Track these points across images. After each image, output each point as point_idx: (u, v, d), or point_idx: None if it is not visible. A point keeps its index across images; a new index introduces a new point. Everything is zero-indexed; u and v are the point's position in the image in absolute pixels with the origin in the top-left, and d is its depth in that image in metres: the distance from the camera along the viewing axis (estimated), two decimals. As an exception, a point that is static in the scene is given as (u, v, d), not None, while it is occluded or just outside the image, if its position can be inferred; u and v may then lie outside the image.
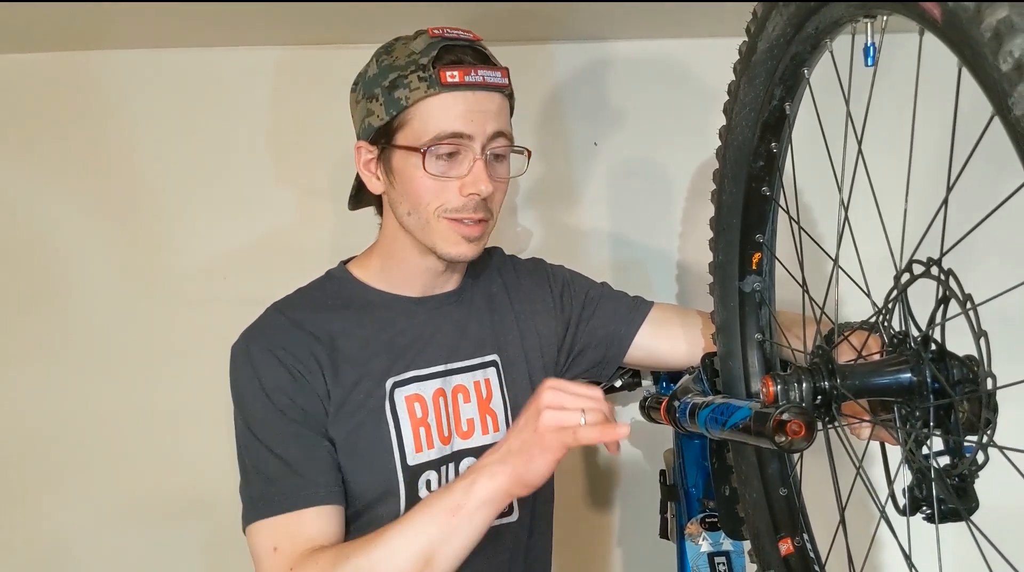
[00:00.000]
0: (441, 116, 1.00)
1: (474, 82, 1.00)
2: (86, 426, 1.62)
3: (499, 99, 1.04)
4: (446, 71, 0.99)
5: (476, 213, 1.03)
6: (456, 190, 1.02)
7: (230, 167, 1.61)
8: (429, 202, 1.03)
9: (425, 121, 1.01)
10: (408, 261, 1.11)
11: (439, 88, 0.99)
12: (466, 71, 1.00)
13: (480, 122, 1.01)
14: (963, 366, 0.70)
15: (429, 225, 1.04)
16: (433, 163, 1.01)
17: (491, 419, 1.13)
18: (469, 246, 1.05)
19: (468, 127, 1.00)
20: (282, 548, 0.97)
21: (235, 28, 1.51)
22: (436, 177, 1.02)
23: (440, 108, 1.00)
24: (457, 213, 1.03)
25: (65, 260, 1.61)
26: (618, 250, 1.67)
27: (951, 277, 0.68)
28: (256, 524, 0.99)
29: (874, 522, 0.86)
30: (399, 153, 1.03)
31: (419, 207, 1.04)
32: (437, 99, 1.00)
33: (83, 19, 1.43)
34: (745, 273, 1.04)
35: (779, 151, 0.95)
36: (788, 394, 0.79)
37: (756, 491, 1.03)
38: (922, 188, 0.81)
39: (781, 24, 0.84)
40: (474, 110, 1.01)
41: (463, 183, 1.02)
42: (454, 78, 0.99)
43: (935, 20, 0.57)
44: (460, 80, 0.99)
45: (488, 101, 1.02)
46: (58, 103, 1.59)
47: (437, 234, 1.04)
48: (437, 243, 1.05)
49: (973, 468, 0.71)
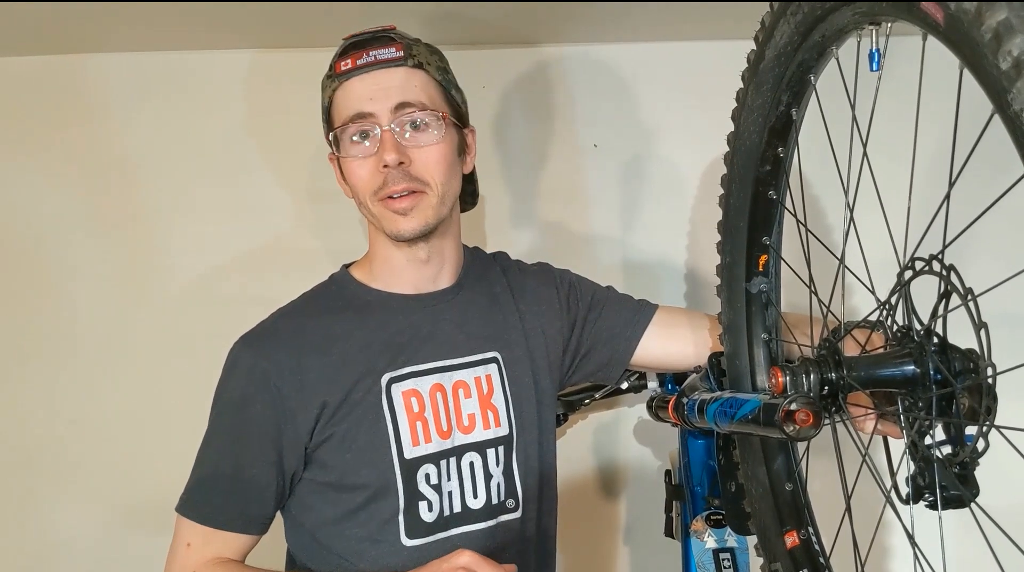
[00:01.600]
0: (344, 103, 1.07)
1: (365, 63, 1.06)
2: (85, 428, 1.63)
3: (401, 72, 1.07)
4: (340, 62, 1.07)
5: (397, 184, 1.06)
6: (376, 167, 1.06)
7: (228, 169, 1.64)
8: (362, 188, 1.08)
9: (338, 111, 1.09)
10: (388, 257, 1.15)
11: (338, 79, 1.07)
12: (357, 56, 1.06)
13: (381, 99, 1.06)
14: (964, 358, 0.73)
15: (372, 211, 1.09)
16: (349, 147, 1.08)
17: (492, 414, 1.15)
18: (406, 220, 1.07)
19: (367, 105, 1.06)
20: (194, 547, 1.08)
21: (233, 31, 1.53)
22: (354, 159, 1.07)
23: (343, 97, 1.08)
24: (383, 190, 1.07)
25: (62, 263, 1.63)
26: (626, 253, 1.69)
27: (952, 272, 0.71)
28: (181, 517, 1.09)
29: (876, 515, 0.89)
30: (339, 152, 1.10)
31: (359, 196, 1.10)
32: (340, 90, 1.08)
33: (78, 23, 1.45)
34: (752, 274, 1.07)
35: (786, 155, 0.98)
36: (796, 385, 0.82)
37: (762, 486, 1.06)
38: (925, 188, 0.84)
39: (788, 32, 0.87)
40: (372, 89, 1.06)
41: (377, 158, 1.06)
42: (347, 66, 1.07)
43: (937, 24, 0.60)
44: (353, 65, 1.06)
45: (387, 77, 1.06)
46: (55, 106, 1.61)
47: (379, 217, 1.09)
48: (383, 225, 1.09)
49: (974, 455, 0.73)
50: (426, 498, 1.09)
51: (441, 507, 1.10)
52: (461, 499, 1.12)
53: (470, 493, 1.12)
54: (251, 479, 1.07)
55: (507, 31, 1.58)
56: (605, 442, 1.71)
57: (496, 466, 1.14)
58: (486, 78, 1.61)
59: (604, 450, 1.71)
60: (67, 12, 1.40)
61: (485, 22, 1.51)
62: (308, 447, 1.08)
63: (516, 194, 1.67)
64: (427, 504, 1.09)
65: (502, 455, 1.15)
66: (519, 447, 1.16)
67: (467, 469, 1.12)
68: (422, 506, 1.09)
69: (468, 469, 1.12)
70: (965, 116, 0.68)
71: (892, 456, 0.83)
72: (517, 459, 1.16)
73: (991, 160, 0.70)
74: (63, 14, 1.40)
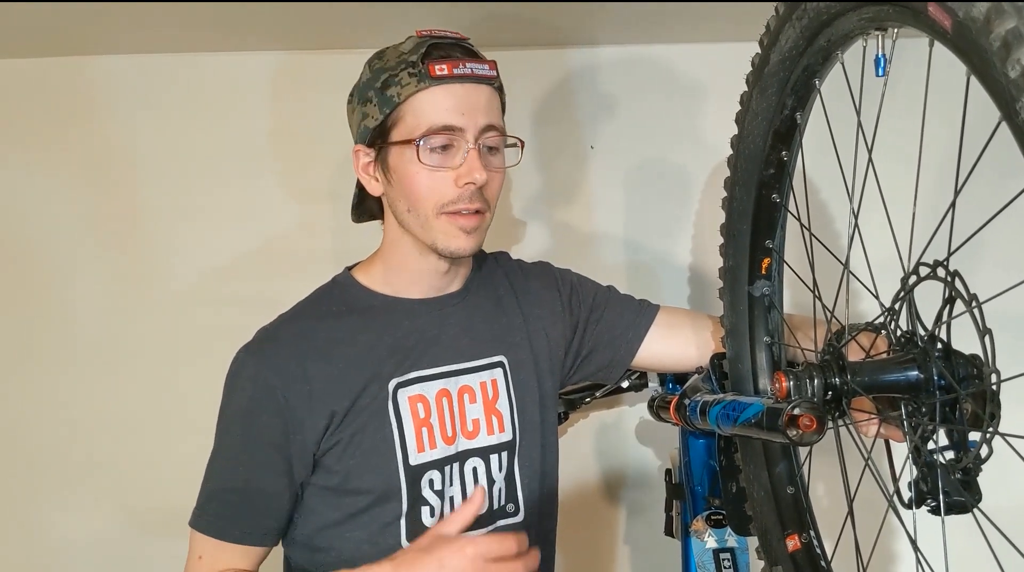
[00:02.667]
0: (432, 109, 1.03)
1: (462, 74, 1.03)
2: (86, 431, 1.62)
3: (488, 92, 1.06)
4: (435, 65, 1.02)
5: (472, 203, 1.05)
6: (451, 181, 1.04)
7: (231, 172, 1.63)
8: (426, 198, 1.05)
9: (417, 115, 1.04)
10: (409, 264, 1.13)
11: (428, 82, 1.02)
12: (454, 64, 1.03)
13: (471, 114, 1.03)
14: (968, 363, 0.73)
15: (428, 222, 1.06)
16: (427, 155, 1.04)
17: (497, 420, 1.14)
18: (467, 238, 1.07)
19: (459, 120, 1.03)
20: (206, 560, 1.08)
21: (235, 33, 1.53)
22: (431, 168, 1.04)
23: (431, 102, 1.03)
24: (454, 205, 1.05)
25: (64, 265, 1.62)
26: (629, 254, 1.69)
27: (956, 278, 0.71)
28: (193, 530, 1.09)
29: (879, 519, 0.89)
30: (395, 150, 1.06)
31: (417, 204, 1.06)
32: (427, 93, 1.03)
33: (84, 24, 1.44)
34: (755, 278, 1.07)
35: (789, 159, 0.98)
36: (800, 389, 0.82)
37: (764, 489, 1.06)
38: (929, 193, 0.84)
39: (794, 37, 0.87)
40: (464, 103, 1.03)
41: (458, 174, 1.04)
42: (443, 71, 1.02)
43: (945, 31, 0.60)
44: (448, 73, 1.03)
45: (477, 94, 1.04)
46: (59, 108, 1.60)
47: (436, 230, 1.06)
48: (437, 239, 1.07)
49: (977, 461, 0.73)
50: (428, 503, 1.09)
51: (442, 512, 1.10)
52: (463, 504, 1.11)
53: None
54: (263, 491, 1.07)
55: (509, 34, 1.58)
56: (607, 442, 1.71)
57: (499, 471, 1.14)
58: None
59: (606, 450, 1.71)
60: (68, 14, 1.39)
61: (487, 24, 1.51)
62: (316, 454, 1.07)
63: (519, 195, 1.67)
64: (429, 509, 1.09)
65: (505, 460, 1.14)
66: (522, 452, 1.16)
67: (470, 474, 1.12)
68: (424, 511, 1.09)
69: (471, 474, 1.12)
70: (971, 121, 0.68)
71: (895, 461, 0.83)
72: (520, 464, 1.16)
73: (997, 166, 0.71)
74: (64, 16, 1.40)
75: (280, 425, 1.05)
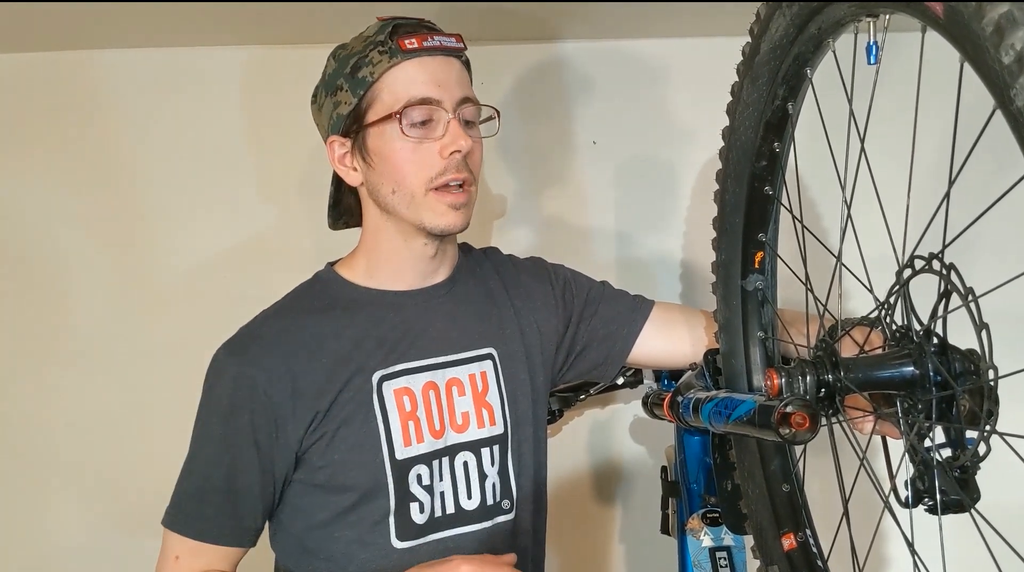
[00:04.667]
0: (408, 83, 1.03)
1: (433, 46, 1.04)
2: (78, 428, 1.61)
3: (458, 65, 1.07)
4: (404, 39, 1.03)
5: (460, 173, 1.04)
6: (436, 153, 1.04)
7: (215, 166, 1.61)
8: (413, 174, 1.04)
9: (394, 91, 1.03)
10: (394, 252, 1.11)
11: (400, 56, 1.02)
12: (423, 37, 1.03)
13: (446, 86, 1.04)
14: (965, 359, 0.72)
15: (415, 200, 1.05)
16: (409, 129, 1.04)
17: (487, 412, 1.13)
18: (457, 214, 1.06)
19: (436, 92, 1.03)
20: (182, 561, 1.06)
21: (219, 26, 1.51)
22: (414, 142, 1.03)
23: (405, 76, 1.03)
24: (441, 177, 1.04)
25: (53, 261, 1.60)
26: (621, 249, 1.68)
27: (952, 271, 0.69)
28: (168, 530, 1.07)
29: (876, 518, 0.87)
30: (373, 131, 1.05)
31: (403, 182, 1.05)
32: (400, 68, 1.03)
33: (76, 19, 1.42)
34: (748, 272, 1.05)
35: (781, 150, 0.96)
36: (792, 387, 0.80)
37: (759, 487, 1.04)
38: (924, 185, 0.82)
39: (784, 25, 0.85)
40: (438, 75, 1.04)
41: (442, 144, 1.03)
42: (413, 44, 1.03)
43: (937, 17, 0.58)
44: (419, 45, 1.03)
45: (448, 66, 1.05)
46: (52, 102, 1.58)
47: (424, 208, 1.05)
48: (425, 217, 1.06)
49: (975, 459, 0.72)
50: (417, 499, 1.07)
51: (432, 508, 1.08)
52: (455, 500, 1.10)
53: (464, 494, 1.10)
54: (243, 490, 1.05)
55: (504, 28, 1.56)
56: (601, 440, 1.69)
57: (491, 466, 1.12)
58: (483, 75, 1.58)
59: (599, 448, 1.69)
60: (65, 8, 1.37)
61: (482, 19, 1.49)
62: (299, 452, 1.06)
63: (512, 190, 1.65)
64: (418, 505, 1.08)
65: (497, 454, 1.13)
66: (514, 446, 1.14)
67: (460, 469, 1.10)
68: (413, 507, 1.07)
69: (462, 469, 1.11)
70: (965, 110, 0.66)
71: (891, 459, 0.81)
72: (512, 458, 1.14)
73: (992, 156, 0.69)
74: (62, 10, 1.38)
75: (263, 423, 1.04)
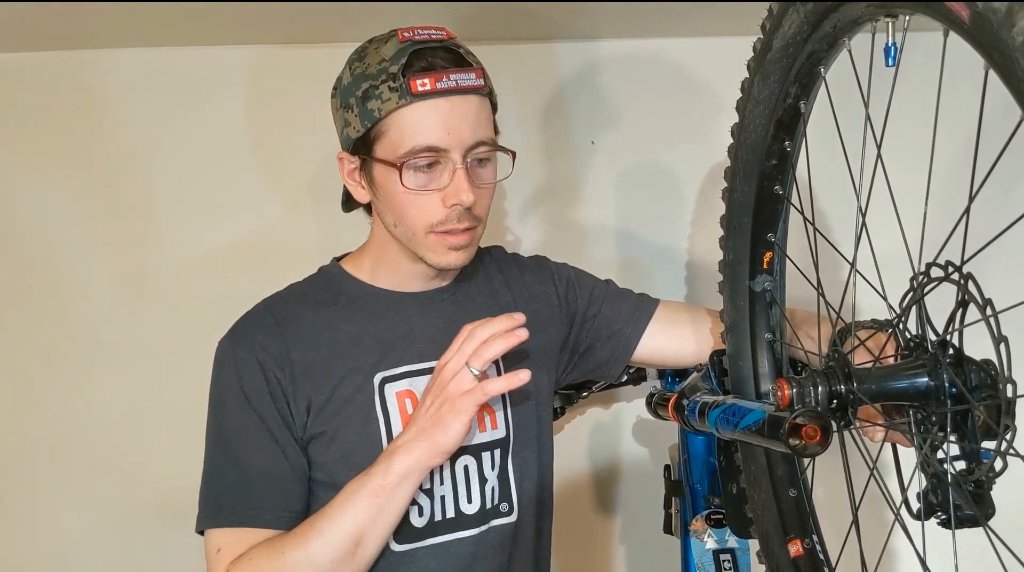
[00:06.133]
0: (415, 128, 0.98)
1: (446, 88, 0.97)
2: (79, 426, 1.59)
3: (476, 102, 1.01)
4: (416, 80, 0.96)
5: (461, 223, 1.01)
6: (438, 202, 1.01)
7: (219, 165, 1.59)
8: (413, 218, 1.02)
9: (400, 133, 0.99)
10: (400, 265, 1.10)
11: (410, 98, 0.97)
12: (437, 77, 0.97)
13: (457, 131, 0.99)
14: (981, 371, 0.70)
15: (416, 239, 1.04)
16: (411, 177, 1.00)
17: (489, 416, 1.11)
18: (458, 254, 1.04)
19: (444, 139, 0.98)
20: (224, 550, 1.02)
21: (222, 25, 1.48)
22: (416, 191, 1.00)
23: (413, 120, 0.98)
24: (442, 225, 1.01)
25: (56, 260, 1.58)
26: (625, 250, 1.66)
27: (970, 281, 0.67)
28: (210, 531, 1.04)
29: (885, 527, 0.86)
30: (379, 166, 1.02)
31: (404, 222, 1.03)
32: (409, 110, 0.98)
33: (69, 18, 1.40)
34: (756, 272, 1.03)
35: (792, 150, 0.94)
36: (803, 398, 0.78)
37: (765, 492, 1.02)
38: (941, 189, 0.80)
39: (798, 22, 0.82)
40: (449, 120, 0.98)
41: (444, 194, 1.00)
42: (425, 87, 0.96)
43: (962, 22, 0.56)
44: (432, 88, 0.97)
45: (464, 106, 0.99)
46: (44, 103, 1.56)
47: (424, 247, 1.04)
48: (426, 255, 1.04)
49: (990, 474, 0.70)
50: (417, 503, 1.06)
51: (432, 512, 1.07)
52: (455, 504, 1.08)
53: (464, 498, 1.09)
54: (271, 465, 1.02)
55: (504, 28, 1.54)
56: (603, 441, 1.68)
57: (491, 470, 1.11)
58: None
59: (601, 449, 1.68)
60: (67, 8, 1.35)
61: (482, 19, 1.46)
62: (302, 439, 1.05)
63: (515, 190, 1.63)
64: (418, 509, 1.06)
65: (498, 458, 1.11)
66: (516, 450, 1.13)
67: (461, 473, 1.09)
68: (412, 511, 1.06)
69: (462, 473, 1.09)
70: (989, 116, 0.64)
71: (903, 470, 0.80)
72: (513, 462, 1.12)
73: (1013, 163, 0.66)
74: (63, 10, 1.36)
75: (281, 402, 1.03)
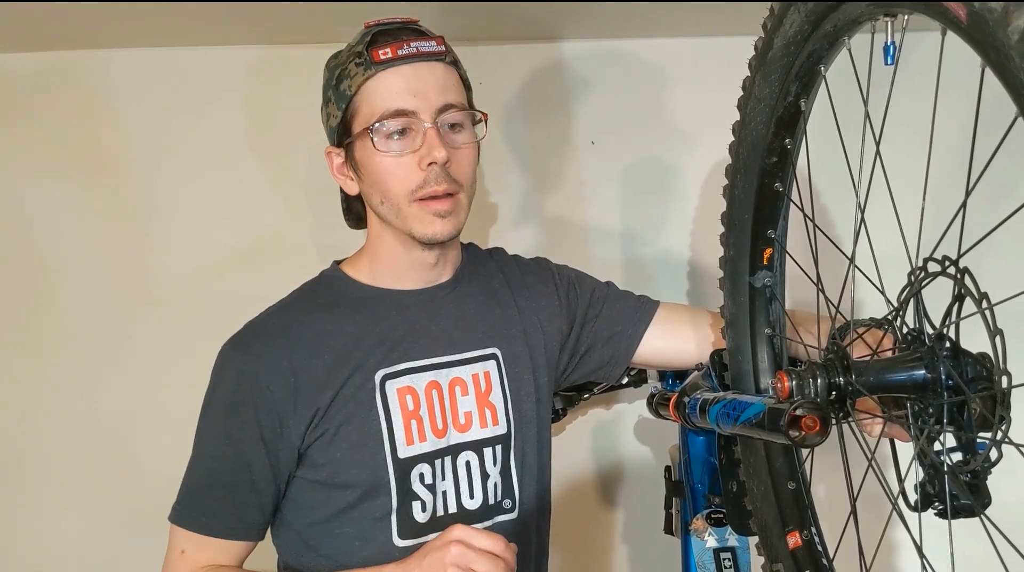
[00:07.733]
0: (383, 95, 1.02)
1: (407, 54, 1.02)
2: (79, 426, 1.60)
3: (440, 68, 1.05)
4: (378, 50, 1.02)
5: (440, 184, 1.03)
6: (415, 165, 1.03)
7: (218, 165, 1.60)
8: (395, 187, 1.04)
9: (371, 103, 1.03)
10: (395, 259, 1.11)
11: (374, 68, 1.02)
12: (398, 46, 1.02)
13: (423, 93, 1.02)
14: (977, 364, 0.71)
15: (401, 211, 1.05)
16: (384, 142, 1.03)
17: (490, 412, 1.13)
18: (443, 223, 1.05)
19: (410, 102, 1.02)
20: (188, 555, 1.06)
21: (222, 26, 1.49)
22: (391, 155, 1.03)
23: (380, 87, 1.02)
24: (422, 189, 1.03)
25: (56, 261, 1.59)
26: (625, 249, 1.66)
27: (967, 275, 0.68)
28: (175, 526, 1.07)
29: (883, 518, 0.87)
30: (358, 144, 1.05)
31: (388, 194, 1.05)
32: (375, 80, 1.02)
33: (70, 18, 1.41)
34: (756, 268, 1.04)
35: (793, 147, 0.95)
36: (803, 390, 0.80)
37: (764, 484, 1.04)
38: (939, 185, 0.81)
39: (799, 21, 0.84)
40: (413, 84, 1.02)
41: (419, 155, 1.02)
42: (386, 55, 1.01)
43: (959, 21, 0.57)
44: (393, 55, 1.02)
45: (427, 72, 1.03)
46: (44, 103, 1.57)
47: (410, 218, 1.05)
48: (413, 227, 1.05)
49: (986, 465, 0.71)
50: (420, 498, 1.07)
51: (435, 507, 1.08)
52: (457, 499, 1.10)
53: (466, 493, 1.10)
54: (248, 485, 1.05)
55: (505, 27, 1.55)
56: (604, 441, 1.68)
57: (493, 465, 1.12)
58: (484, 75, 1.56)
59: (603, 449, 1.68)
60: (68, 8, 1.36)
61: (483, 18, 1.48)
62: (300, 448, 1.06)
63: (515, 191, 1.64)
64: (420, 504, 1.07)
65: (500, 454, 1.13)
66: (517, 446, 1.14)
67: (463, 469, 1.10)
68: (415, 506, 1.07)
69: (464, 469, 1.10)
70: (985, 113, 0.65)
71: (900, 461, 0.81)
72: (515, 458, 1.14)
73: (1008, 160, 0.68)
74: (64, 10, 1.37)
75: (267, 418, 1.04)
